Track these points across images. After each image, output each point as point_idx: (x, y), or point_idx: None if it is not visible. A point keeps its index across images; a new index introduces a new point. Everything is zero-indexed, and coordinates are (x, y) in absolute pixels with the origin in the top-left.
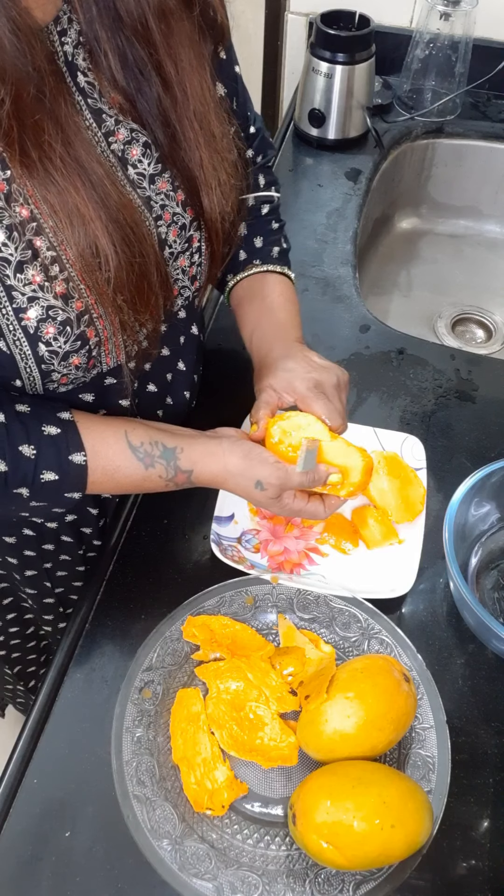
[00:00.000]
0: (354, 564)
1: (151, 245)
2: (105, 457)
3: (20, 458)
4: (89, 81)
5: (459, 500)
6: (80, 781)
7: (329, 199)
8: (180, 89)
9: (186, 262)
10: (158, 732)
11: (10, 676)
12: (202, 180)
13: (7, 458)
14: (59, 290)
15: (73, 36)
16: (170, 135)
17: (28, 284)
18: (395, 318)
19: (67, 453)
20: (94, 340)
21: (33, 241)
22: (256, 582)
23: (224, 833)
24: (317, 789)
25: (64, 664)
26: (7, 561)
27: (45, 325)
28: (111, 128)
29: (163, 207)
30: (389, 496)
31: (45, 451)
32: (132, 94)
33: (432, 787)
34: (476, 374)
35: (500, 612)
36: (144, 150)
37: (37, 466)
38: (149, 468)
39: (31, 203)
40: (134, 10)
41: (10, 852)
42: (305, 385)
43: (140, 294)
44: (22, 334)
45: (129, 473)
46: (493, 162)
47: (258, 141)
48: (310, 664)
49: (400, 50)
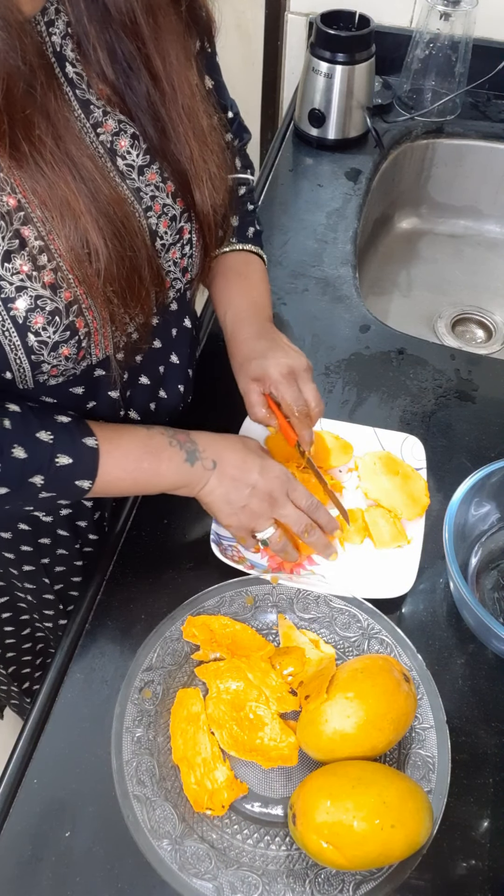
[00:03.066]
0: (354, 564)
1: (143, 239)
2: (111, 440)
3: (38, 444)
4: (77, 72)
5: (459, 500)
6: (80, 781)
7: (329, 199)
8: (169, 84)
9: (178, 253)
10: (158, 732)
11: (4, 677)
12: (193, 174)
13: (27, 445)
14: (48, 280)
15: (60, 27)
16: (160, 129)
17: (16, 274)
18: (395, 318)
19: (80, 436)
20: (84, 331)
21: (21, 230)
22: (256, 582)
23: (224, 833)
24: (317, 789)
25: (64, 664)
26: (4, 556)
27: (34, 315)
28: (99, 119)
29: (152, 199)
30: (394, 494)
31: (61, 436)
32: (121, 89)
33: (432, 787)
34: (476, 374)
35: (500, 612)
36: (132, 142)
37: (53, 451)
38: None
39: (18, 192)
40: (122, 5)
41: (10, 852)
42: (279, 371)
43: (130, 287)
44: (11, 324)
45: (132, 448)
46: (493, 162)
47: (235, 125)
48: (310, 664)
49: (400, 50)
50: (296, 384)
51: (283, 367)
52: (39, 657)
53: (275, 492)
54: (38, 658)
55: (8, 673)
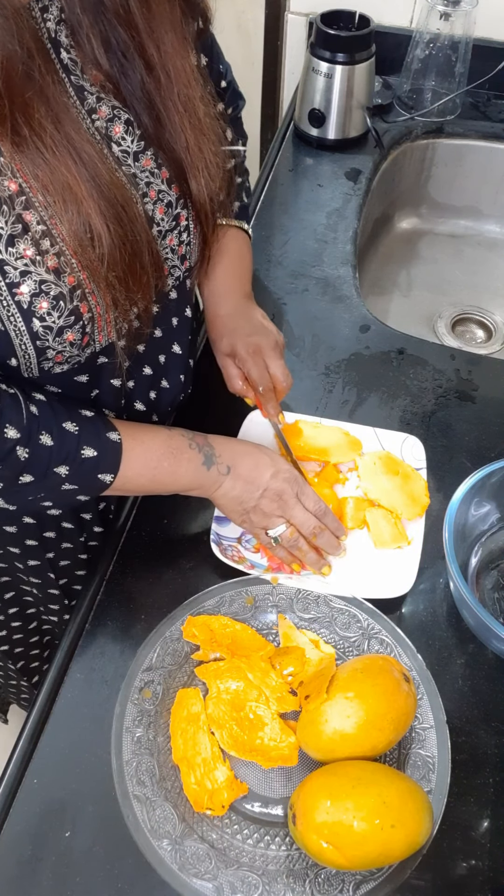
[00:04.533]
0: (354, 564)
1: (143, 224)
2: (134, 437)
3: (66, 434)
4: (72, 58)
5: (459, 500)
6: (80, 781)
7: (329, 199)
8: (164, 72)
9: (175, 240)
10: (158, 732)
11: (14, 672)
12: (189, 163)
13: (54, 433)
14: (51, 265)
15: (54, 13)
16: (154, 117)
17: (20, 258)
18: (395, 318)
19: (105, 430)
20: (88, 316)
21: (23, 214)
22: (256, 582)
23: (224, 833)
24: (317, 789)
25: (64, 664)
26: (9, 551)
27: (39, 300)
28: (93, 105)
29: (148, 185)
30: (394, 494)
31: (86, 428)
32: (115, 76)
33: (432, 787)
34: (476, 374)
35: (500, 612)
36: (127, 128)
37: (79, 442)
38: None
39: (19, 177)
40: None
41: (10, 852)
42: (245, 349)
43: (132, 272)
44: (16, 309)
45: (153, 446)
46: (493, 162)
47: (229, 93)
48: (310, 664)
49: (400, 50)
50: (262, 361)
51: (250, 345)
52: (47, 650)
53: (285, 493)
54: (46, 651)
55: (17, 668)
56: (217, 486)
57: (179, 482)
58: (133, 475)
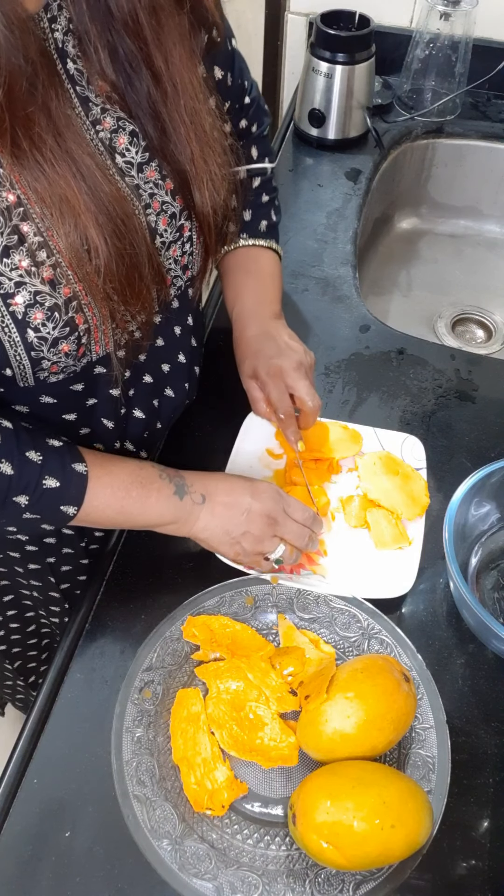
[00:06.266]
0: (354, 564)
1: (143, 237)
2: (102, 466)
3: (26, 463)
4: (78, 69)
5: (459, 500)
6: (80, 781)
7: (329, 199)
8: (171, 84)
9: (178, 251)
10: (158, 732)
11: (10, 672)
12: (193, 175)
13: (14, 462)
14: (47, 276)
15: (62, 23)
16: (160, 128)
17: (15, 269)
18: (395, 318)
19: (71, 461)
20: (84, 327)
21: (20, 226)
22: (256, 582)
23: (224, 833)
24: (317, 789)
25: (64, 664)
26: (9, 556)
27: (34, 311)
28: (98, 116)
29: (151, 196)
30: (394, 494)
31: (50, 458)
32: (122, 87)
33: (432, 787)
34: (476, 374)
35: (500, 612)
36: (131, 139)
37: (41, 472)
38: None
39: (17, 188)
40: (125, 4)
41: (10, 852)
42: (265, 371)
43: (130, 285)
44: (10, 320)
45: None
46: (493, 162)
47: (253, 110)
48: (310, 664)
49: (400, 50)
50: (282, 384)
51: (272, 368)
52: (45, 651)
53: (272, 512)
54: (44, 653)
55: (14, 668)
56: (195, 520)
57: (150, 512)
58: (100, 504)
